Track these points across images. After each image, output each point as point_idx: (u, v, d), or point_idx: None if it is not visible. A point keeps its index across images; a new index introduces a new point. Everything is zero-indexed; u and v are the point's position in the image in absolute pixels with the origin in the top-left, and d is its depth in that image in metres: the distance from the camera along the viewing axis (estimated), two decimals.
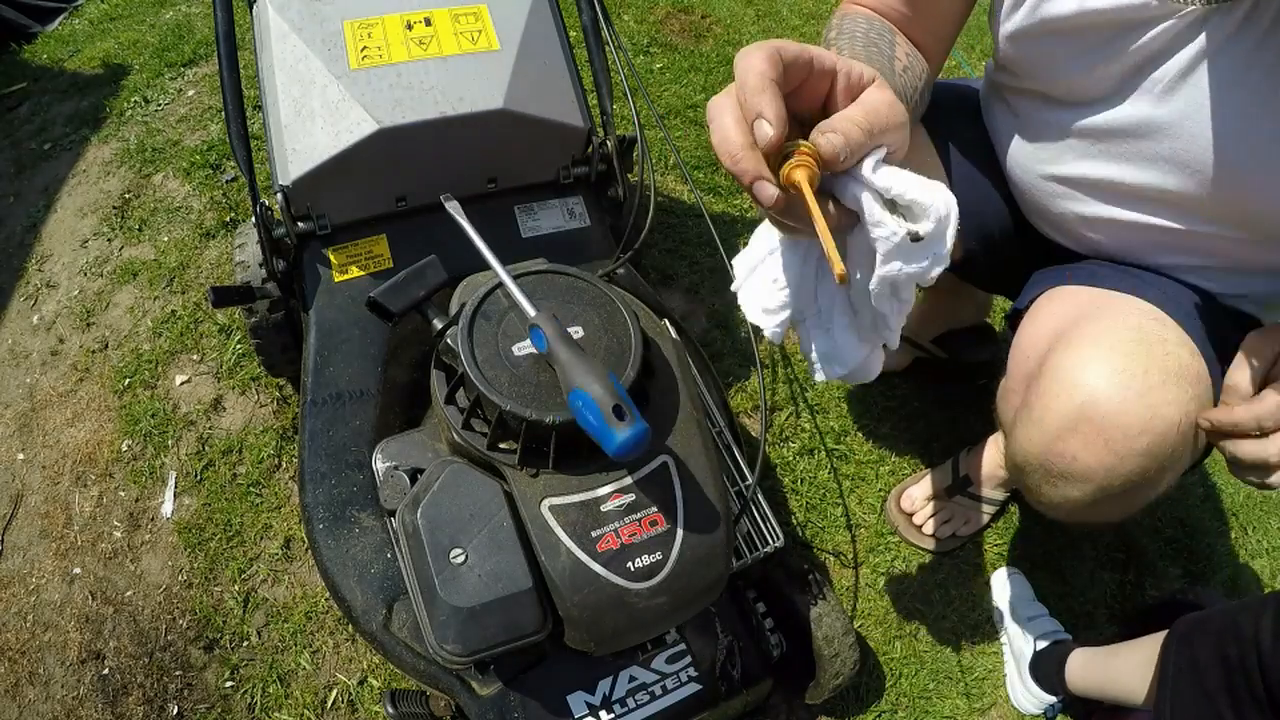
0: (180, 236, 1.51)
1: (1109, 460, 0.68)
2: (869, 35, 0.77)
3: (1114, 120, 0.74)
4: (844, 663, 0.92)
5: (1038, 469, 0.74)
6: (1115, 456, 0.68)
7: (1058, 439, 0.70)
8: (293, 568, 1.15)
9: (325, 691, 1.06)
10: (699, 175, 1.71)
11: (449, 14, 0.98)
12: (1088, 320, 0.75)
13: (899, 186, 0.49)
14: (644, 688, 0.84)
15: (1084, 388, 0.69)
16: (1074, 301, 0.80)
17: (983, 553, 1.27)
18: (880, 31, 0.78)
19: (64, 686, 1.06)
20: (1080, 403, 0.69)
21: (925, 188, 0.49)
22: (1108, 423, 0.68)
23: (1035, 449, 0.73)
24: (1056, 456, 0.71)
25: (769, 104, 0.47)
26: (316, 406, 0.90)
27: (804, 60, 0.50)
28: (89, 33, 2.02)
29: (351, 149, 0.89)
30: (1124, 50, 0.70)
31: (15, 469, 1.26)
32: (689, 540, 0.70)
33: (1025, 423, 0.74)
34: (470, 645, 0.66)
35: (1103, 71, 0.72)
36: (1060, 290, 0.84)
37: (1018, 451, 0.77)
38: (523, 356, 0.70)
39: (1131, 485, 0.70)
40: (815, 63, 0.50)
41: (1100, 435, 0.68)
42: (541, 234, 1.05)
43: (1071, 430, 0.69)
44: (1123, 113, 0.73)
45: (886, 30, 0.79)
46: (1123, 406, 0.67)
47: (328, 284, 0.97)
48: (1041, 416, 0.72)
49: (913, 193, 0.49)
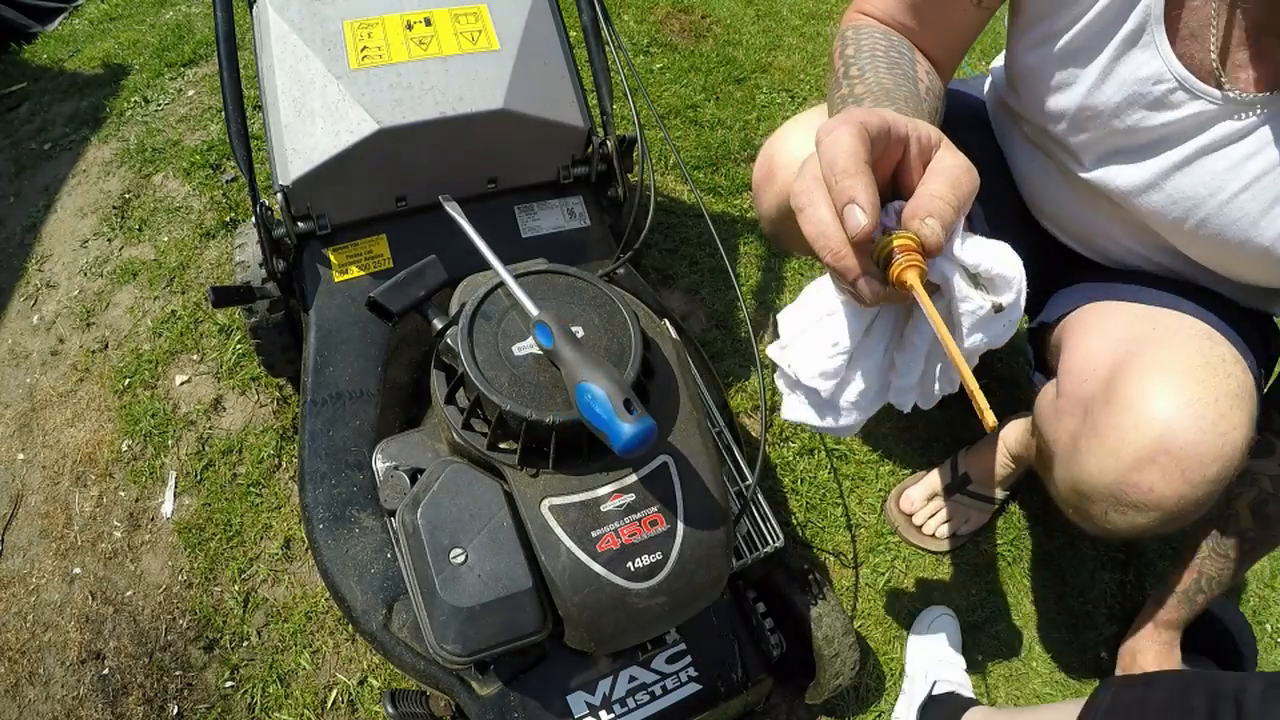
0: (180, 236, 1.51)
1: (1183, 490, 0.69)
2: (890, 55, 0.75)
3: (1150, 201, 0.76)
4: (844, 663, 0.92)
5: (1107, 498, 0.73)
6: (1189, 486, 0.68)
7: (1134, 470, 0.70)
8: (293, 568, 1.15)
9: (325, 691, 1.06)
10: (699, 175, 1.71)
11: (449, 14, 0.98)
12: (1150, 344, 0.74)
13: (986, 262, 0.50)
14: (644, 688, 0.84)
15: (1161, 420, 0.68)
16: (1124, 320, 0.80)
17: (983, 552, 1.27)
18: (900, 49, 0.77)
19: (64, 686, 1.06)
20: (1158, 435, 0.68)
21: (1005, 259, 0.50)
22: (1185, 454, 0.68)
23: (1108, 479, 0.72)
24: (1131, 488, 0.70)
25: (863, 190, 0.45)
26: (316, 406, 0.90)
27: (883, 132, 0.48)
28: (89, 33, 2.02)
29: (351, 149, 0.89)
30: (1171, 144, 0.72)
31: (15, 469, 1.26)
32: (689, 540, 0.70)
33: (1095, 452, 0.73)
34: (470, 645, 0.66)
35: (1147, 163, 0.74)
36: (1102, 306, 0.83)
37: (1084, 480, 0.75)
38: (523, 356, 0.70)
39: (1197, 510, 0.71)
40: (892, 132, 0.48)
41: (1178, 466, 0.68)
42: (541, 234, 1.05)
43: (1149, 462, 0.69)
44: (1161, 194, 0.75)
45: (905, 47, 0.78)
46: (1199, 437, 0.67)
47: (328, 284, 0.97)
48: (1116, 448, 0.71)
49: (998, 267, 0.50)
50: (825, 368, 0.61)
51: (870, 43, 0.76)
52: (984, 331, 0.53)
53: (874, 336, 0.61)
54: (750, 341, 1.10)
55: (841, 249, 0.46)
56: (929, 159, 0.51)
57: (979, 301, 0.51)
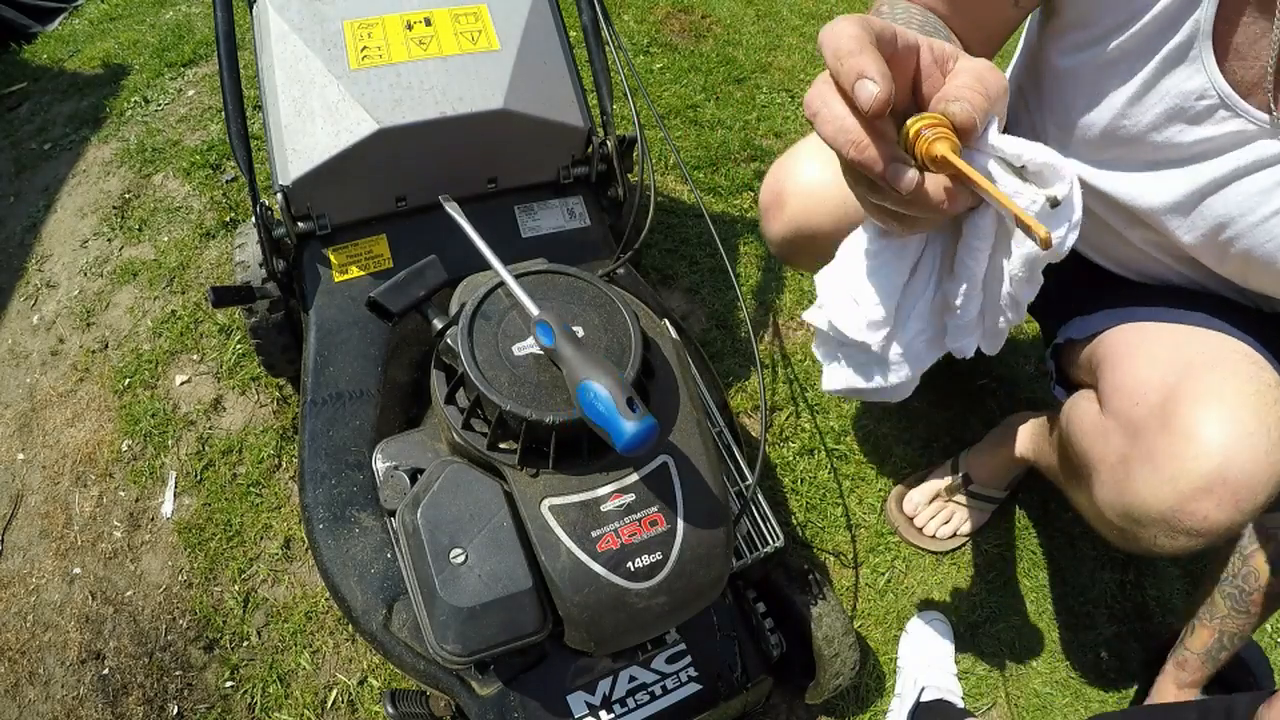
0: (180, 236, 1.51)
1: (1235, 517, 0.70)
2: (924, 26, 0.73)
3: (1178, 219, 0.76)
4: (844, 663, 0.92)
5: (1159, 524, 0.73)
6: (1240, 513, 0.69)
7: (1191, 499, 0.70)
8: (293, 568, 1.15)
9: (325, 691, 1.06)
10: (699, 175, 1.71)
11: (449, 14, 0.98)
12: (1201, 369, 0.74)
13: (1029, 152, 0.45)
14: (644, 688, 0.84)
15: (1219, 450, 0.69)
16: (1170, 341, 0.80)
17: (983, 552, 1.27)
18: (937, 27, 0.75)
19: (64, 686, 1.06)
20: (1217, 465, 0.69)
21: (1050, 151, 0.46)
22: (1241, 484, 0.68)
23: (1163, 506, 0.72)
24: (1187, 516, 0.71)
25: (871, 63, 0.41)
26: (316, 406, 0.90)
27: (889, 35, 0.44)
28: (89, 33, 2.02)
29: (351, 149, 0.89)
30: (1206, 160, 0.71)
31: (15, 469, 1.26)
32: (689, 540, 0.70)
33: (1150, 480, 0.73)
34: (470, 645, 0.66)
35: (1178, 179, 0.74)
36: (1143, 327, 0.84)
37: (1136, 505, 0.75)
38: (523, 356, 0.70)
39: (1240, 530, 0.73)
40: (900, 38, 0.45)
41: (1233, 496, 0.69)
42: (541, 234, 1.05)
43: (1207, 491, 0.69)
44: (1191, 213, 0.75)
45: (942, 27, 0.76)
46: (1255, 468, 0.68)
47: (328, 284, 0.97)
48: (1175, 476, 0.71)
49: (1042, 155, 0.45)
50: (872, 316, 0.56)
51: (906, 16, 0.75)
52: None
53: (921, 275, 0.56)
54: (750, 341, 1.10)
55: (862, 139, 0.42)
56: (947, 69, 0.48)
57: (1031, 195, 0.45)
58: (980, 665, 1.17)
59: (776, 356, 1.45)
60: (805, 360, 1.44)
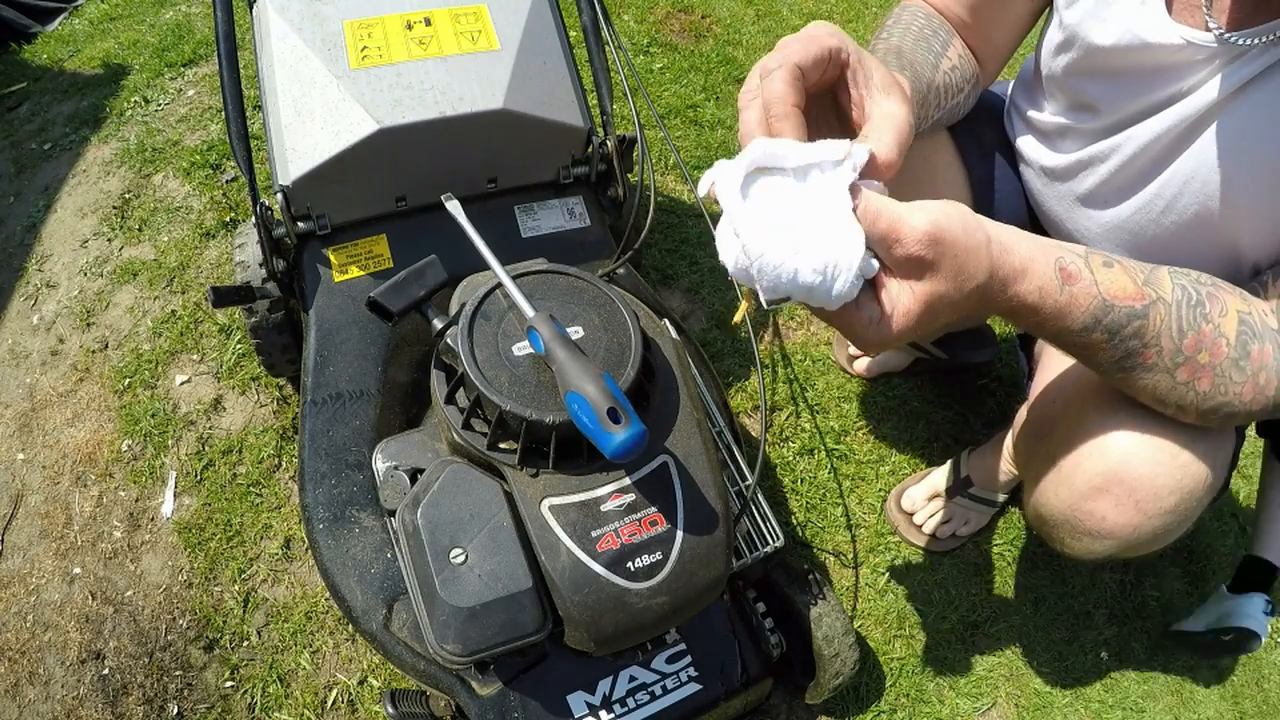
0: (180, 236, 1.51)
1: (1137, 520, 0.68)
2: (923, 31, 0.77)
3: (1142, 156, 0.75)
4: (844, 663, 0.92)
5: (1062, 524, 0.73)
6: (1144, 516, 0.68)
7: (1087, 499, 0.70)
8: (293, 568, 1.15)
9: (325, 691, 1.06)
10: (699, 175, 1.71)
11: (449, 14, 0.98)
12: None
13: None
14: (644, 688, 0.84)
15: (1116, 450, 0.68)
16: None
17: (983, 552, 1.27)
18: (936, 30, 0.78)
19: (64, 686, 1.06)
20: (1113, 464, 0.68)
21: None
22: (1139, 484, 0.67)
23: (1062, 505, 0.72)
24: (1085, 515, 0.70)
25: (789, 133, 0.52)
26: (316, 406, 0.90)
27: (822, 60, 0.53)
28: (89, 33, 2.02)
29: (351, 149, 0.89)
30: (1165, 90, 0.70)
31: (15, 469, 1.26)
32: (689, 540, 0.70)
33: (1051, 479, 0.74)
34: (470, 645, 0.66)
35: (1136, 102, 0.73)
36: None
37: (1042, 505, 0.76)
38: (522, 357, 0.70)
39: (1156, 540, 0.71)
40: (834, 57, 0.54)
41: (1131, 497, 0.68)
42: (541, 234, 1.05)
43: (1102, 491, 0.69)
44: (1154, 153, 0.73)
45: (944, 30, 0.79)
46: (1155, 469, 0.67)
47: (328, 284, 0.97)
48: (1071, 475, 0.71)
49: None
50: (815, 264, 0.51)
51: (909, 19, 0.79)
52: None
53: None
54: (750, 341, 1.10)
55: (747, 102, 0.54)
56: (862, 82, 0.55)
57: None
58: (980, 665, 1.17)
59: (776, 356, 1.45)
60: (805, 360, 1.44)
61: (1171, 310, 0.60)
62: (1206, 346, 0.61)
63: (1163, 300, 0.60)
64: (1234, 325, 0.62)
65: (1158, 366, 0.61)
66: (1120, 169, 0.76)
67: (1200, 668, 1.25)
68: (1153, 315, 0.59)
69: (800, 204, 0.51)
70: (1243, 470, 1.48)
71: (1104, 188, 0.79)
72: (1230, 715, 1.21)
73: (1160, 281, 0.61)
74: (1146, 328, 0.59)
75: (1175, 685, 1.22)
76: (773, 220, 0.50)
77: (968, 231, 0.51)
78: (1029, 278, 0.55)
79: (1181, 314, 0.60)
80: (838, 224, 0.50)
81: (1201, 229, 0.72)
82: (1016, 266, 0.54)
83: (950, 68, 0.77)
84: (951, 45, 0.79)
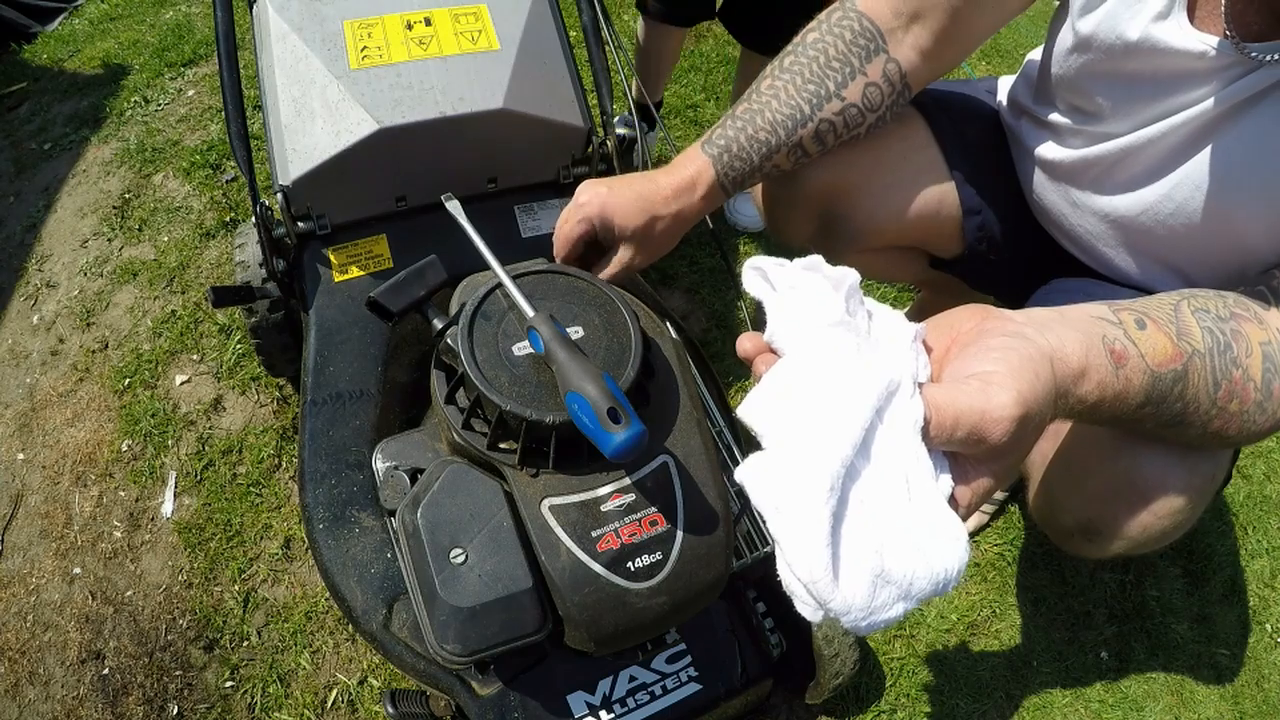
0: (180, 236, 1.51)
1: (1148, 520, 0.69)
2: (830, 64, 0.77)
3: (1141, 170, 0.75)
4: (844, 663, 0.92)
5: (1075, 527, 0.74)
6: (1154, 517, 0.68)
7: (1100, 503, 0.70)
8: (293, 568, 1.15)
9: (325, 691, 1.06)
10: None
11: (449, 14, 0.98)
12: None
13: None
14: (644, 688, 0.84)
15: (1127, 453, 0.68)
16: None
17: (983, 552, 1.27)
18: (855, 54, 0.78)
19: (64, 686, 1.06)
20: (1124, 468, 0.68)
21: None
22: (1151, 486, 0.68)
23: (1075, 510, 0.73)
24: (1098, 519, 0.71)
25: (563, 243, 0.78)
26: (316, 406, 0.90)
27: (607, 226, 0.77)
28: (89, 33, 2.02)
29: (351, 149, 0.89)
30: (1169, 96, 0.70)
31: (15, 469, 1.26)
32: (689, 540, 0.70)
33: (1063, 484, 0.74)
34: (470, 645, 0.66)
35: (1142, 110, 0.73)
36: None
37: (1054, 509, 0.76)
38: (522, 357, 0.70)
39: (1165, 538, 0.71)
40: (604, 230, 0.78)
41: (1143, 500, 0.68)
42: (542, 234, 1.05)
43: (1115, 494, 0.69)
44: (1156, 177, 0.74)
45: (869, 48, 0.78)
46: (1165, 470, 0.67)
47: (328, 284, 0.97)
48: (1082, 479, 0.71)
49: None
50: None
51: (823, 45, 0.78)
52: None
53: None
54: None
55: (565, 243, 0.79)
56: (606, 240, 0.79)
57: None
58: (980, 665, 1.17)
59: None
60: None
61: (1205, 362, 0.59)
62: (1237, 394, 0.60)
63: (1197, 353, 0.58)
64: (1259, 364, 0.61)
65: (1195, 423, 0.61)
66: (1129, 170, 0.76)
67: (1200, 667, 1.25)
68: (1191, 373, 0.58)
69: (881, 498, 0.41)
70: (1243, 470, 1.48)
71: (1111, 188, 0.79)
72: (1230, 715, 1.21)
73: (1190, 330, 0.59)
74: (1187, 388, 0.58)
75: (1175, 685, 1.22)
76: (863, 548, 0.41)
77: (1040, 378, 0.45)
78: (1088, 376, 0.50)
79: (1214, 364, 0.59)
80: (931, 517, 0.41)
81: (1210, 231, 0.72)
82: (1075, 370, 0.49)
83: (854, 101, 0.78)
84: (868, 68, 0.78)
